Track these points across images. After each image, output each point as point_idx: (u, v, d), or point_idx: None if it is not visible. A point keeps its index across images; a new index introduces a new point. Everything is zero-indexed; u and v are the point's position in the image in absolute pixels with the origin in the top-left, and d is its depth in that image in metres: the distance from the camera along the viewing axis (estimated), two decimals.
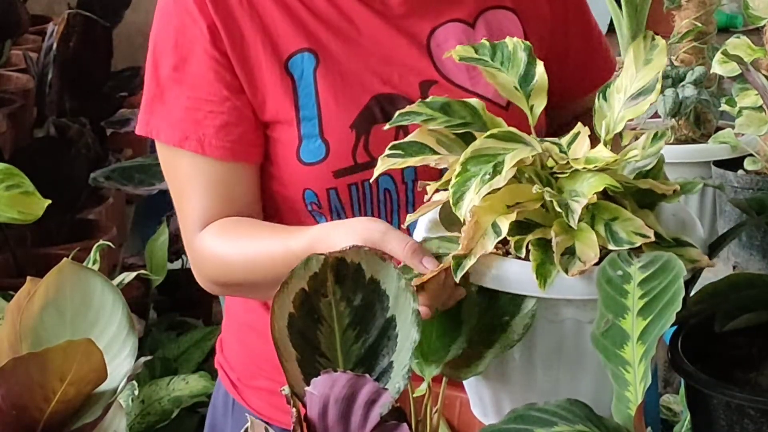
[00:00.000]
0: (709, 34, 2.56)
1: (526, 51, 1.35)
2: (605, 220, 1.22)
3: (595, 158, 1.24)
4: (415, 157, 1.28)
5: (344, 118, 1.55)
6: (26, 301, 1.12)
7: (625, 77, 1.32)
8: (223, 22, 1.54)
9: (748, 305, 1.34)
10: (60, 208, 2.35)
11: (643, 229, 1.20)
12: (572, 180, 1.23)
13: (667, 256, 1.19)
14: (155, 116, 1.58)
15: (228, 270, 1.54)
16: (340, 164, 1.54)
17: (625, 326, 1.15)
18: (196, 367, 3.30)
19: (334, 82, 1.55)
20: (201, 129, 1.54)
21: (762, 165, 2.33)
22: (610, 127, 1.31)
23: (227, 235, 1.53)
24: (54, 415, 1.07)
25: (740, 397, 1.19)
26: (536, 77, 1.34)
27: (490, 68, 1.34)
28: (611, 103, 1.32)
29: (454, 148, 1.29)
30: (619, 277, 1.18)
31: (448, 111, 1.30)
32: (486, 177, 1.21)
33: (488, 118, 1.31)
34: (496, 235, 1.20)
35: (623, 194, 1.25)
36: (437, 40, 1.59)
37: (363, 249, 1.18)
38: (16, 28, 3.32)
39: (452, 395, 1.36)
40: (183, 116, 1.54)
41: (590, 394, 1.22)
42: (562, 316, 1.22)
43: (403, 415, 1.17)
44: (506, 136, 1.25)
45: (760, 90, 1.35)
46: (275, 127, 1.56)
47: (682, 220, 1.33)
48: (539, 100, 1.33)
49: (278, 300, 1.15)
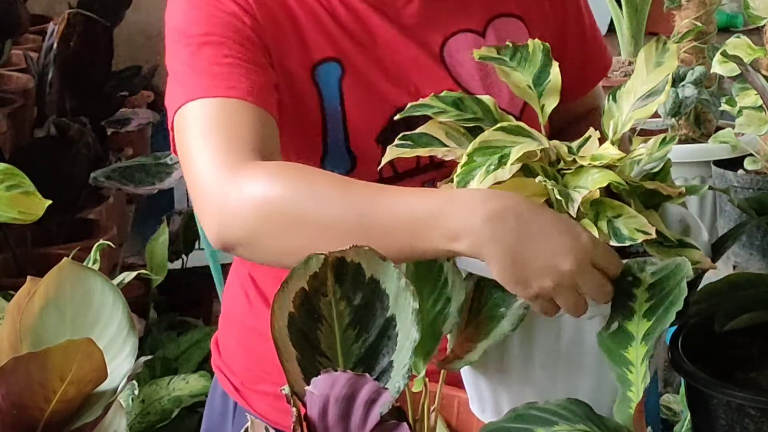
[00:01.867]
0: (710, 33, 2.56)
1: (544, 52, 1.36)
2: (608, 217, 1.22)
3: (601, 155, 1.25)
4: (424, 148, 1.29)
5: (370, 131, 1.53)
6: (26, 301, 1.12)
7: (636, 79, 1.34)
8: (265, 19, 1.51)
9: (748, 305, 1.34)
10: (60, 207, 2.34)
11: (646, 226, 1.20)
12: (577, 176, 1.24)
13: (679, 260, 1.19)
14: (193, 81, 1.47)
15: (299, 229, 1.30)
16: (365, 177, 1.38)
17: (630, 328, 1.15)
18: (196, 366, 3.30)
19: (359, 94, 1.53)
20: (244, 80, 1.44)
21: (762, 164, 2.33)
22: (617, 127, 1.32)
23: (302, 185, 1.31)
24: (54, 415, 1.07)
25: (740, 396, 1.19)
26: (550, 77, 1.35)
27: (505, 67, 1.36)
28: (620, 105, 1.33)
29: (463, 141, 1.30)
30: (628, 282, 1.19)
31: (460, 106, 1.32)
32: (491, 168, 1.21)
33: (499, 116, 1.32)
34: None
35: (629, 194, 1.26)
36: (450, 50, 1.59)
37: (363, 248, 1.18)
38: (16, 28, 3.31)
39: (450, 395, 1.37)
40: (224, 71, 1.45)
41: (589, 392, 1.22)
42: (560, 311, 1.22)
43: (403, 414, 1.17)
44: (515, 130, 1.26)
45: (760, 90, 1.36)
46: (297, 136, 1.52)
47: (687, 225, 1.33)
48: (551, 100, 1.35)
49: (278, 300, 1.16)
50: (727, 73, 2.33)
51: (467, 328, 1.26)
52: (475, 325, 1.25)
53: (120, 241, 3.32)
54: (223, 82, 1.43)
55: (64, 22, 3.09)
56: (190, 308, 3.81)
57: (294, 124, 1.52)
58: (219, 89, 1.42)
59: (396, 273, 1.17)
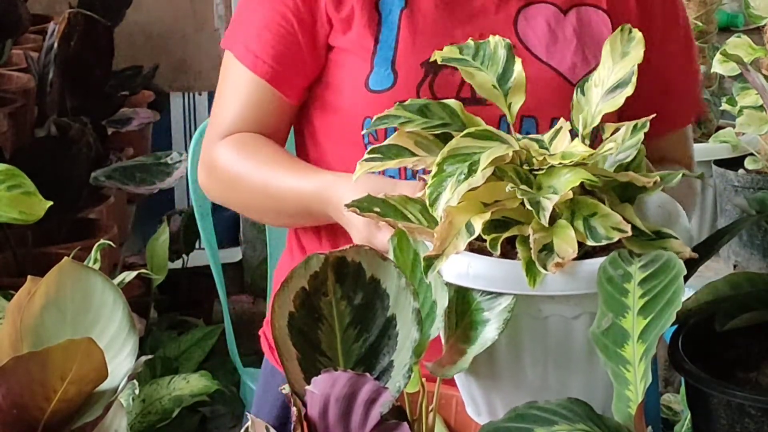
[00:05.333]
0: (710, 33, 2.56)
1: (506, 48, 1.35)
2: (584, 216, 1.22)
3: (570, 153, 1.24)
4: (394, 160, 1.29)
5: (418, 56, 1.62)
6: (27, 301, 1.12)
7: (602, 70, 1.33)
8: None
9: (749, 304, 1.34)
10: (61, 207, 2.34)
11: (621, 224, 1.20)
12: (549, 176, 1.23)
13: (667, 255, 1.19)
14: (235, 31, 1.71)
15: (234, 186, 1.67)
16: (404, 95, 1.50)
17: (625, 325, 1.15)
18: (196, 366, 3.31)
19: (416, 25, 1.63)
20: (261, 48, 1.66)
21: (762, 164, 2.33)
22: (587, 122, 1.31)
23: (245, 152, 1.65)
24: (55, 414, 1.07)
25: (741, 396, 1.19)
26: (514, 75, 1.34)
27: (469, 68, 1.35)
28: (589, 97, 1.33)
29: (432, 149, 1.29)
30: (619, 276, 1.18)
31: (426, 113, 1.31)
32: (461, 177, 1.21)
33: (467, 119, 1.31)
34: (469, 234, 1.20)
35: (603, 188, 1.25)
36: (527, 13, 1.65)
37: (364, 248, 1.18)
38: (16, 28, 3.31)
39: (448, 394, 1.36)
40: (254, 33, 1.67)
41: (581, 391, 1.22)
42: (545, 312, 1.22)
43: (403, 414, 1.17)
44: (483, 135, 1.25)
45: (760, 89, 1.36)
46: (349, 56, 1.64)
47: (668, 211, 1.32)
48: (517, 97, 1.34)
49: (279, 299, 1.16)
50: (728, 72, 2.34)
51: (456, 332, 1.25)
52: (462, 330, 1.24)
53: (120, 241, 3.32)
54: (257, 47, 1.66)
55: (65, 22, 3.09)
56: (191, 308, 3.81)
57: (347, 45, 1.65)
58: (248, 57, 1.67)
59: (396, 272, 1.17)
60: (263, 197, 1.63)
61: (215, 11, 4.10)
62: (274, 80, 1.65)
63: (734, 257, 2.23)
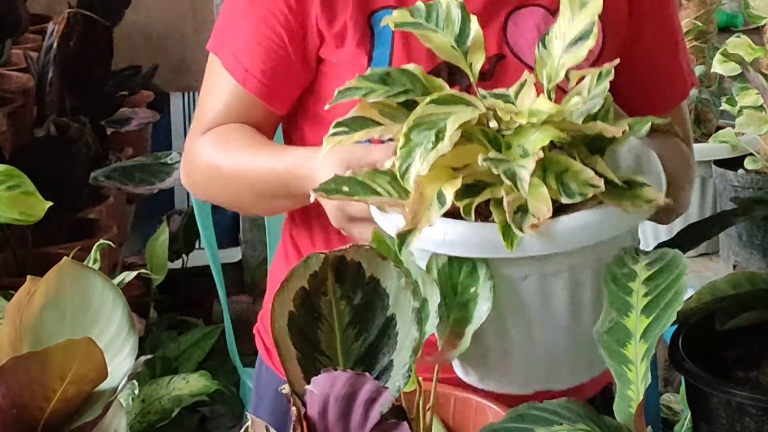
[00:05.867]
0: (710, 33, 2.56)
1: (459, 7, 1.34)
2: (556, 173, 1.21)
3: (538, 111, 1.23)
4: (360, 132, 1.28)
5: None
6: (26, 300, 1.12)
7: (562, 22, 1.31)
8: None
9: (749, 304, 1.34)
10: (60, 207, 2.34)
11: (594, 179, 1.19)
12: (518, 136, 1.22)
13: (672, 254, 1.18)
14: (223, 37, 1.67)
15: (213, 177, 1.65)
16: None
17: (628, 324, 1.15)
18: (196, 366, 3.31)
19: (410, 42, 1.59)
20: (252, 62, 1.62)
21: (762, 164, 2.33)
22: (551, 76, 1.30)
23: (220, 142, 1.63)
24: (54, 414, 1.07)
25: (741, 395, 1.19)
26: (472, 34, 1.33)
27: (425, 31, 1.34)
28: (551, 51, 1.31)
29: (398, 116, 1.28)
30: (624, 275, 1.18)
31: (387, 81, 1.30)
32: (429, 145, 1.20)
33: (429, 82, 1.30)
34: (441, 205, 1.19)
35: (573, 142, 1.24)
36: (516, 18, 1.62)
37: (363, 247, 1.18)
38: (16, 27, 3.31)
39: (446, 393, 1.36)
40: (243, 46, 1.63)
41: (568, 349, 1.22)
42: (525, 272, 1.21)
43: (403, 413, 1.17)
44: (447, 100, 1.23)
45: (760, 89, 1.36)
46: (342, 71, 1.60)
47: (637, 155, 1.31)
48: (477, 56, 1.33)
49: (278, 298, 1.16)
50: (728, 72, 2.34)
51: (449, 321, 1.24)
52: (457, 312, 1.24)
53: (120, 241, 3.32)
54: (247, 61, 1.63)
55: (64, 22, 3.09)
56: (191, 308, 3.81)
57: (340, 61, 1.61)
58: (239, 71, 1.63)
59: (396, 272, 1.17)
60: (241, 183, 1.61)
61: (215, 11, 4.10)
62: (264, 95, 1.63)
63: (734, 257, 2.23)
